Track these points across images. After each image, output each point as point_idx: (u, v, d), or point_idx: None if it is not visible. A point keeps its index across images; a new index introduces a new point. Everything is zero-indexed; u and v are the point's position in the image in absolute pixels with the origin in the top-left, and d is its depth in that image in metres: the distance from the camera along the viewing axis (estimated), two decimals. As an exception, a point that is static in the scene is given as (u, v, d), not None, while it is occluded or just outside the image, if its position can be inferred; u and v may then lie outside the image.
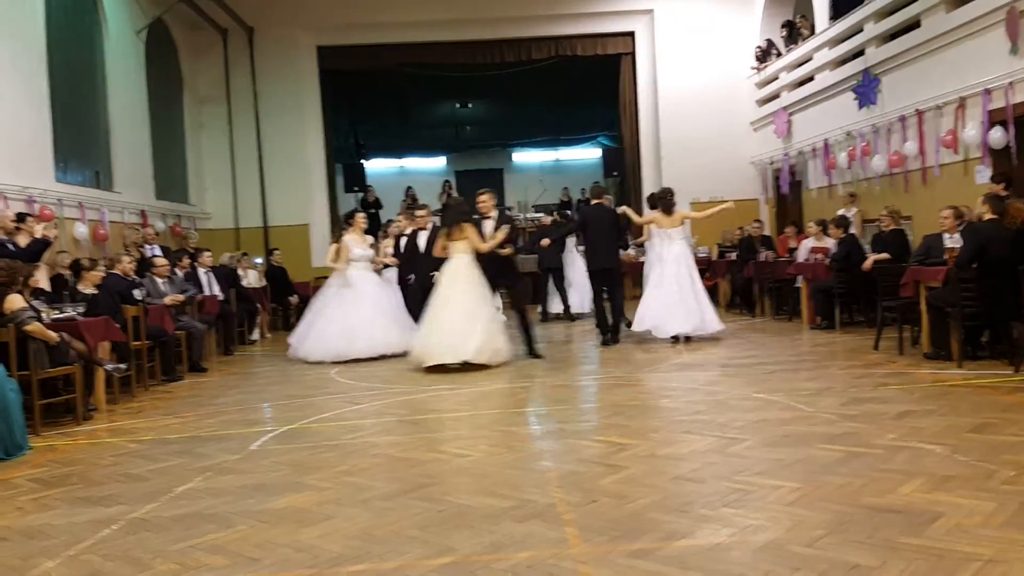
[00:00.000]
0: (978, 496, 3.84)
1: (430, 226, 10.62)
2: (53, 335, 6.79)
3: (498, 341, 8.89)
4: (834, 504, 3.85)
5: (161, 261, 10.25)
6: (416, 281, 10.37)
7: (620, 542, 3.54)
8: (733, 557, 3.31)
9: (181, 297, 10.08)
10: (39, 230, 8.53)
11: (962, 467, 4.32)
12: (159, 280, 9.98)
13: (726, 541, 3.48)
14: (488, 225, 9.52)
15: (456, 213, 9.39)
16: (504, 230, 9.24)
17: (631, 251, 11.29)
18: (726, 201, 10.99)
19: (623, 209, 11.22)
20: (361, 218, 10.85)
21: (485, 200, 9.79)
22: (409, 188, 21.57)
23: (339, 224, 12.11)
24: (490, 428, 6.02)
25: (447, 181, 22.35)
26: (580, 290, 13.17)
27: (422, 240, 10.58)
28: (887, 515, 3.66)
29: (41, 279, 8.37)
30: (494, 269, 9.21)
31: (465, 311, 8.73)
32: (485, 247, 9.14)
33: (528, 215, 19.63)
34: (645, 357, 9.21)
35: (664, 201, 10.49)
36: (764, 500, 3.98)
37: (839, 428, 5.34)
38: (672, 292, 9.98)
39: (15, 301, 6.63)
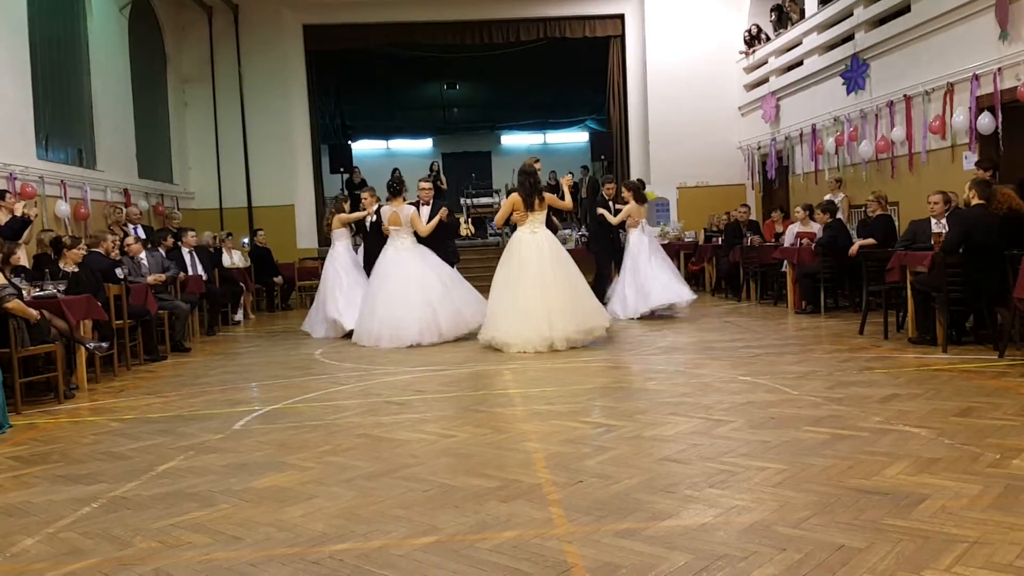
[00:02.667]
0: (963, 479, 3.85)
1: (432, 201, 10.43)
2: (34, 312, 6.71)
3: (598, 316, 8.56)
4: (820, 486, 3.85)
5: (131, 240, 10.12)
6: None
7: (606, 522, 3.53)
8: (718, 537, 3.30)
9: (163, 277, 9.99)
10: (19, 208, 8.43)
11: (947, 450, 4.33)
12: (141, 259, 9.88)
13: (712, 521, 3.47)
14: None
15: (536, 180, 8.85)
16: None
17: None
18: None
19: (600, 211, 11.29)
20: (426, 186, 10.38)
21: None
22: (395, 170, 21.43)
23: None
24: (476, 409, 5.99)
25: (434, 163, 22.24)
26: None
27: (424, 215, 10.30)
28: (873, 497, 3.66)
29: (22, 257, 8.27)
30: None
31: (570, 289, 8.41)
32: (570, 204, 9.17)
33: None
34: (631, 339, 9.21)
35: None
36: (750, 481, 3.98)
37: (824, 411, 5.35)
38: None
39: None
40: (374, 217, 10.48)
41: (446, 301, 9.43)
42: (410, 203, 10.16)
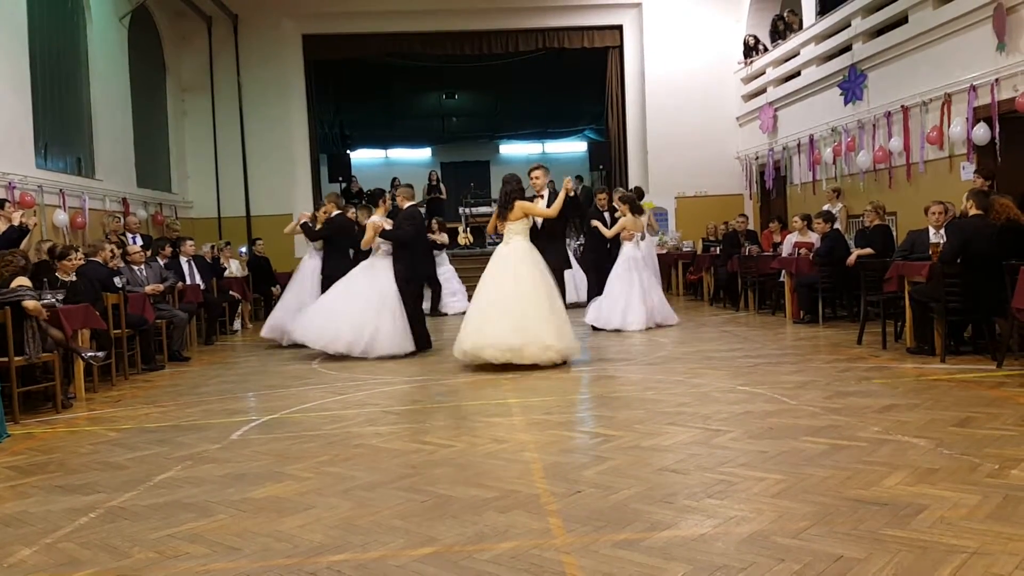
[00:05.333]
0: (962, 489, 3.84)
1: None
2: (44, 312, 6.78)
3: (567, 336, 8.13)
4: (818, 496, 3.84)
5: (135, 248, 10.14)
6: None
7: (604, 532, 3.52)
8: (717, 548, 3.29)
9: (161, 287, 9.98)
10: (17, 217, 8.43)
11: (946, 460, 4.33)
12: (137, 268, 9.88)
13: (710, 532, 3.47)
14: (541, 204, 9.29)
15: (510, 189, 8.69)
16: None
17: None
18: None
19: (594, 223, 11.32)
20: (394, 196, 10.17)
21: (538, 176, 9.49)
22: (395, 179, 21.46)
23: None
24: (473, 419, 5.99)
25: (433, 172, 22.27)
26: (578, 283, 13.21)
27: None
28: (871, 507, 3.66)
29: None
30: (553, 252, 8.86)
31: (533, 302, 8.00)
32: (553, 212, 8.78)
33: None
34: (629, 350, 9.20)
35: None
36: (748, 492, 3.97)
37: (823, 421, 5.34)
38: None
39: (21, 280, 6.82)
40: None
41: (385, 318, 9.14)
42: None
